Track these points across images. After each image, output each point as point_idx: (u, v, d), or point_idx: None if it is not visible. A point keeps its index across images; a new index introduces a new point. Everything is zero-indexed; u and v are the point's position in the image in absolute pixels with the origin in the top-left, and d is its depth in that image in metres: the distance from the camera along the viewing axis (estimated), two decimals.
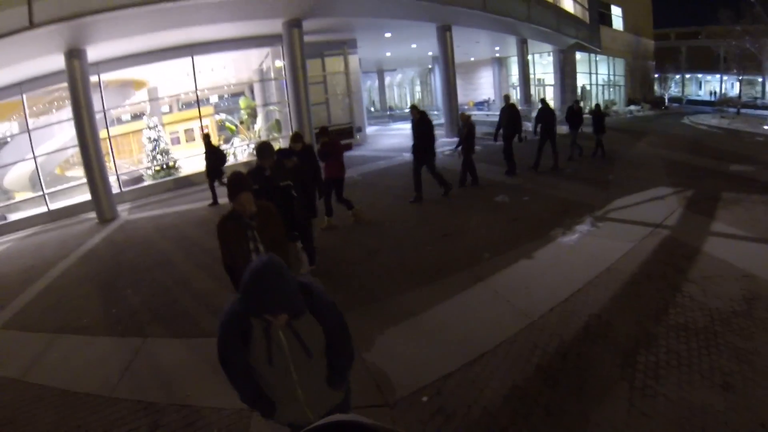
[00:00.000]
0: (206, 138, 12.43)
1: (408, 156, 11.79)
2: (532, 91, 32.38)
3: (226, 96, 20.13)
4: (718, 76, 44.98)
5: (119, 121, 17.74)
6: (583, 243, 6.89)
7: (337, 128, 14.21)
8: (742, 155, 13.69)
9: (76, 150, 14.28)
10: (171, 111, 18.90)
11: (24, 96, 14.17)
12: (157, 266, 7.92)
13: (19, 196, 15.04)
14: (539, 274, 5.94)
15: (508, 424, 3.44)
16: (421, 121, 9.82)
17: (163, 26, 12.59)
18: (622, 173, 11.53)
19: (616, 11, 35.19)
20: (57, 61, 12.25)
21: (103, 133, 14.10)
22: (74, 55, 12.07)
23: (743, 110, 30.44)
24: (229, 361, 2.28)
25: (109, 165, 14.30)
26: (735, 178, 10.51)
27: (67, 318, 6.30)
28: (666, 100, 40.04)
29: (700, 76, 47.74)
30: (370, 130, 23.38)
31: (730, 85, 40.00)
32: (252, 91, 19.82)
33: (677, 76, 46.58)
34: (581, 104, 15.46)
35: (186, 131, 18.03)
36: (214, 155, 12.20)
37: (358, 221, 8.84)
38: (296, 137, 7.52)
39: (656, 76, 43.83)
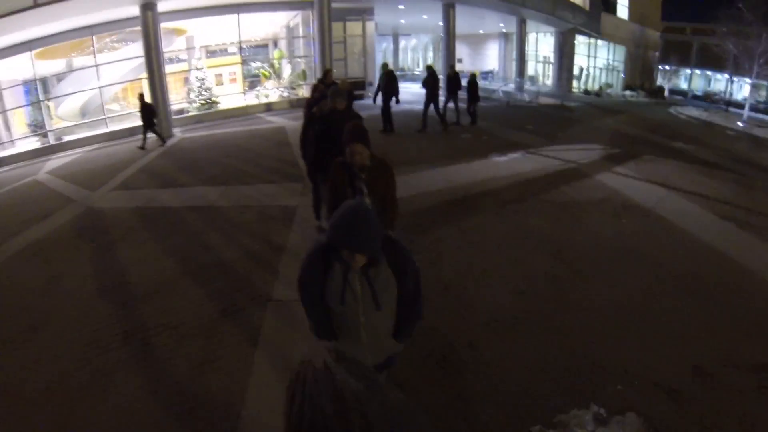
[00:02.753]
0: (141, 97, 14.35)
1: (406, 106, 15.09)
2: (539, 68, 35.54)
3: (258, 47, 23.42)
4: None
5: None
6: (509, 161, 10.35)
7: (352, 80, 17.26)
8: (693, 138, 15.83)
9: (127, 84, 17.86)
10: (208, 57, 22.26)
11: (94, 37, 17.40)
12: (222, 157, 11.53)
13: (75, 122, 18.51)
14: (470, 170, 9.49)
15: (428, 223, 6.85)
16: (430, 75, 13.56)
17: None
18: (574, 134, 14.64)
19: (622, 0, 37.36)
20: (127, 11, 15.45)
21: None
22: (148, 7, 15.32)
23: (736, 110, 30.79)
24: (306, 286, 2.46)
25: None
26: (668, 150, 12.92)
27: (165, 182, 9.86)
28: (666, 91, 41.36)
29: (709, 73, 47.63)
30: None
31: (739, 86, 38.67)
32: (276, 45, 23.23)
33: (687, 71, 47.07)
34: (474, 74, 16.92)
35: (218, 76, 21.31)
36: (147, 110, 14.15)
37: None
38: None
39: (661, 67, 45.58)
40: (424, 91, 13.86)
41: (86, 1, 14.49)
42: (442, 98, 14.35)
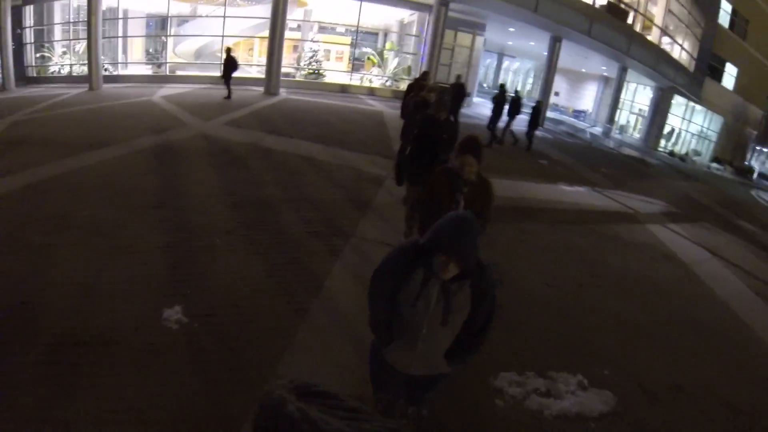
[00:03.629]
0: (228, 51, 15.94)
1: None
2: (632, 119, 35.78)
3: (369, 34, 25.16)
4: None
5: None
6: (573, 192, 11.49)
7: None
8: (761, 222, 15.64)
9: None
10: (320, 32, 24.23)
11: None
12: (324, 122, 13.59)
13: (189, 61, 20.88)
14: (537, 190, 10.73)
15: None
16: (501, 94, 14.90)
17: None
18: (643, 187, 15.21)
19: (731, 70, 36.56)
20: None
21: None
22: None
23: None
24: (383, 279, 2.49)
25: None
26: (729, 225, 13.08)
27: (272, 129, 11.92)
28: (756, 173, 38.38)
29: None
30: (476, 99, 27.58)
31: None
32: (386, 37, 24.94)
33: None
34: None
35: (326, 51, 23.20)
36: (230, 63, 15.64)
37: None
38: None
39: (758, 148, 43.75)
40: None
41: None
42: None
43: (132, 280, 4.82)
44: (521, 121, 16.48)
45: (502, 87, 15.58)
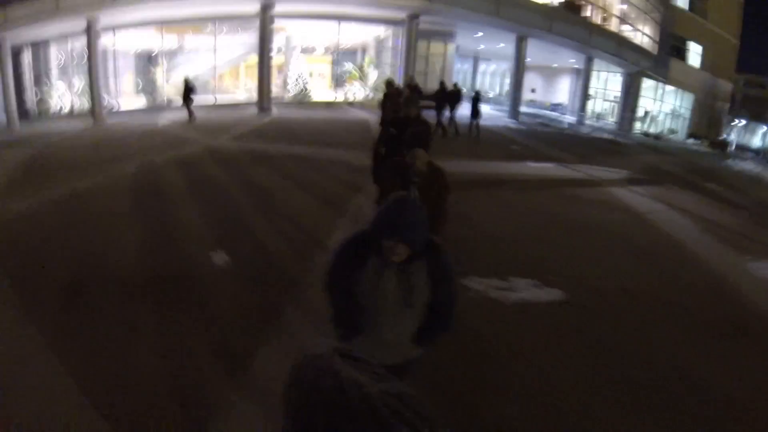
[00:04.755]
0: (185, 80, 17.68)
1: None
2: (607, 106, 37.51)
3: (348, 52, 26.95)
4: None
5: None
6: (540, 167, 12.96)
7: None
8: (729, 184, 16.55)
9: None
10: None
11: (216, 25, 21.43)
12: (314, 131, 15.17)
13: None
14: (507, 168, 12.20)
15: (466, 187, 9.59)
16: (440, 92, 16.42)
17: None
18: (612, 162, 16.66)
19: (695, 48, 38.10)
20: (247, 8, 19.18)
21: (253, 60, 21.21)
22: (266, 9, 19.04)
23: None
24: (335, 275, 2.48)
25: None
26: (696, 187, 14.00)
27: (270, 140, 13.49)
28: (732, 145, 39.80)
29: None
30: None
31: None
32: (364, 53, 26.74)
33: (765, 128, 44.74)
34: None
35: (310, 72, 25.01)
36: (187, 89, 17.37)
37: None
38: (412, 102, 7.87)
39: (736, 121, 44.94)
40: (491, 111, 16.49)
41: None
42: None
43: (188, 238, 6.55)
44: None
45: (442, 84, 17.05)
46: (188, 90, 17.31)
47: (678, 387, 4.13)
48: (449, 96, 16.78)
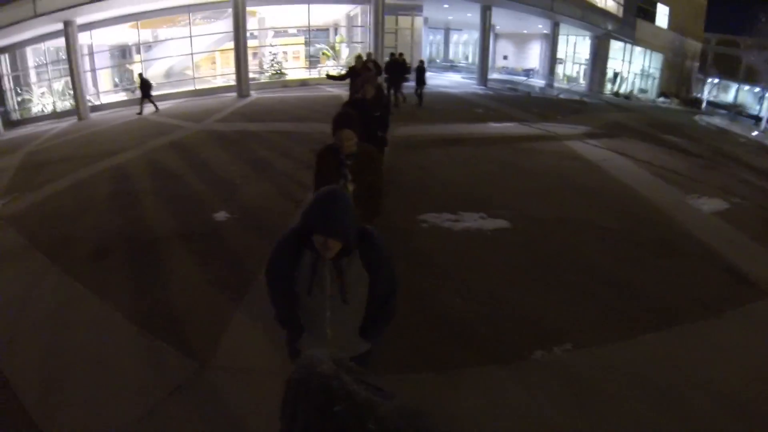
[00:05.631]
0: (140, 75, 18.71)
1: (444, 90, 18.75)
2: (577, 69, 38.40)
3: (320, 31, 27.53)
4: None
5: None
6: (500, 127, 13.92)
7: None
8: (690, 136, 17.64)
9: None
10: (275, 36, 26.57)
11: (190, 15, 21.95)
12: (293, 108, 15.79)
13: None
14: (468, 128, 13.14)
15: (424, 146, 10.50)
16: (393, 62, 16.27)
17: None
18: (573, 119, 17.53)
19: (662, 9, 38.93)
20: None
21: (229, 46, 21.77)
22: None
23: None
24: (275, 273, 2.46)
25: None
26: (654, 139, 14.82)
27: (252, 119, 14.13)
28: (704, 103, 40.93)
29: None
30: (428, 74, 29.97)
31: None
32: (336, 31, 27.40)
33: (736, 85, 45.52)
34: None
35: (284, 53, 25.73)
36: (144, 85, 18.17)
37: None
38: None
39: (709, 80, 45.66)
40: (461, 79, 16.83)
41: None
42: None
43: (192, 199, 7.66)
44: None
45: (392, 55, 17.14)
46: (145, 86, 18.09)
47: (607, 289, 5.08)
48: (396, 67, 16.70)
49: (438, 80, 28.36)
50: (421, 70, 17.17)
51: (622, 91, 37.60)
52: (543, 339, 4.16)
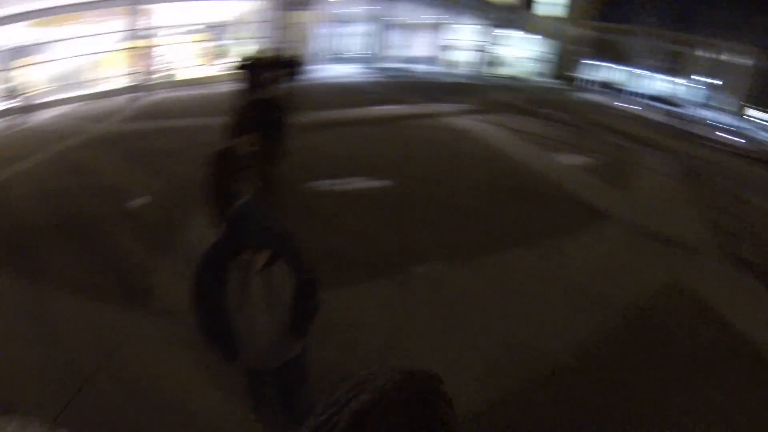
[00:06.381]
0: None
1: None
2: (471, 56, 40.25)
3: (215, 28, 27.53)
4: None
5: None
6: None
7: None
8: (566, 109, 19.15)
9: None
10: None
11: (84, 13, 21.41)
12: (188, 105, 16.11)
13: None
14: None
15: None
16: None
17: None
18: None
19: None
20: None
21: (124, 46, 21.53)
22: None
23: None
24: (200, 297, 2.42)
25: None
26: (527, 112, 16.70)
27: (152, 117, 14.65)
28: (583, 81, 42.23)
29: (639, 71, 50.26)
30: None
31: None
32: (232, 28, 27.46)
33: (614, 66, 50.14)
34: None
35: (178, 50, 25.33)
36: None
37: None
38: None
39: (596, 63, 48.90)
40: (355, 70, 17.68)
41: None
42: None
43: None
44: None
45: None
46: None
47: (464, 225, 6.67)
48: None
49: (332, 72, 29.18)
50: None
51: (513, 74, 39.71)
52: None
